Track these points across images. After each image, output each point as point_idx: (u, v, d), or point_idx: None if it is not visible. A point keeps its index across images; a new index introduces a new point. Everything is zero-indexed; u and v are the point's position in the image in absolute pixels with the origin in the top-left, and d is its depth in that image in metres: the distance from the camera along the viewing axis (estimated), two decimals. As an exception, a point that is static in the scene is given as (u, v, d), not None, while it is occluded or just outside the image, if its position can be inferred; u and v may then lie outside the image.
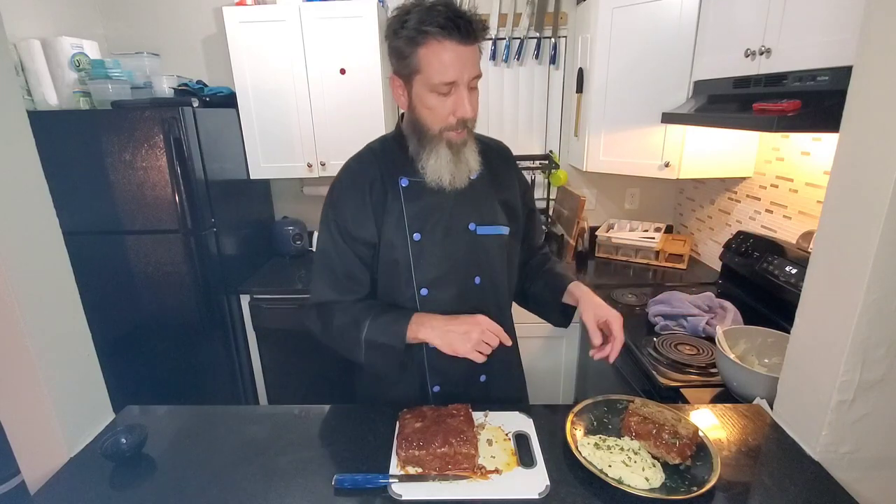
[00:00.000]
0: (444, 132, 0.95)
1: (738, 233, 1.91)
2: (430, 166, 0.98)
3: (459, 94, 0.91)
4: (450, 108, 0.92)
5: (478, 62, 0.93)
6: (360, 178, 1.03)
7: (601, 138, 2.12)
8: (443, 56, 0.88)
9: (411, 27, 0.87)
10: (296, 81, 2.15)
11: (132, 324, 2.09)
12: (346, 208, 1.02)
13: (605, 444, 0.90)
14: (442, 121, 0.94)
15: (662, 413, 0.93)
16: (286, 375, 2.34)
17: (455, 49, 0.87)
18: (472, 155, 1.00)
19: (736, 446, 0.92)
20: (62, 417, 0.94)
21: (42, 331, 0.92)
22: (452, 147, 0.97)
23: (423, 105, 0.94)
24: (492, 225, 1.06)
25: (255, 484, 0.84)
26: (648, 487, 0.81)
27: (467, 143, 0.98)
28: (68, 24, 2.19)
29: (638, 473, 0.82)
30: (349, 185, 1.04)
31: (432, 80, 0.90)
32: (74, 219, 1.90)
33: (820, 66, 1.18)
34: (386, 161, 1.04)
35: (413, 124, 0.99)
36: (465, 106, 0.92)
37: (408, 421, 0.92)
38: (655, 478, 0.82)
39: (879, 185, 0.76)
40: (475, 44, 0.90)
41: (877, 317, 0.80)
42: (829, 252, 0.87)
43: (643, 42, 1.89)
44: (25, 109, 0.92)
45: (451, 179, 0.98)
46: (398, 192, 1.02)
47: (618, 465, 0.84)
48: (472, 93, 0.93)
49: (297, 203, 2.69)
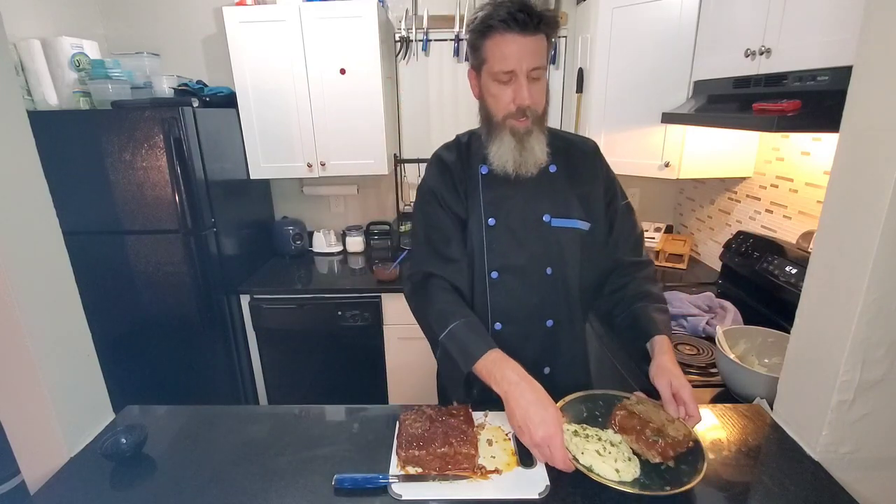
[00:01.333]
0: (507, 119, 1.00)
1: (738, 233, 1.90)
2: (494, 152, 1.03)
3: (518, 83, 0.96)
4: (510, 96, 0.97)
5: (541, 54, 0.96)
6: (447, 163, 1.11)
7: (601, 138, 2.12)
8: (503, 47, 0.94)
9: (479, 21, 0.96)
10: (296, 81, 2.15)
11: (132, 324, 2.10)
12: (440, 185, 1.10)
13: (585, 433, 0.90)
14: (504, 108, 0.99)
15: (657, 412, 0.92)
16: (286, 375, 2.34)
17: (515, 40, 0.93)
18: (539, 145, 1.03)
19: (736, 446, 0.92)
20: (62, 417, 0.94)
21: (42, 331, 0.92)
22: (516, 135, 1.00)
23: (488, 93, 1.01)
24: (567, 218, 1.08)
25: (255, 484, 0.84)
26: (618, 479, 0.81)
27: (532, 132, 1.01)
28: (68, 24, 2.19)
29: (609, 464, 0.82)
30: (440, 168, 1.12)
31: (493, 69, 0.96)
32: (74, 219, 1.90)
33: (820, 66, 1.18)
34: (470, 150, 1.11)
35: (483, 114, 1.06)
36: (524, 94, 0.96)
37: (408, 421, 0.92)
38: (628, 471, 0.82)
39: (879, 185, 0.76)
40: (537, 35, 0.94)
41: (877, 317, 0.80)
42: (829, 252, 0.87)
43: (643, 42, 1.89)
44: (25, 109, 0.92)
45: (516, 166, 1.03)
46: (478, 179, 1.08)
47: (591, 453, 0.84)
48: (534, 83, 0.97)
49: (297, 203, 2.69)
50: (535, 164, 1.04)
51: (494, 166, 1.04)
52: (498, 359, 0.92)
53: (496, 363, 0.91)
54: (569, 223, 1.09)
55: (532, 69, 0.95)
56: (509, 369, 0.89)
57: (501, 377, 0.88)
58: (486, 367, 0.91)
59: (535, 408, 0.84)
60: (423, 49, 2.41)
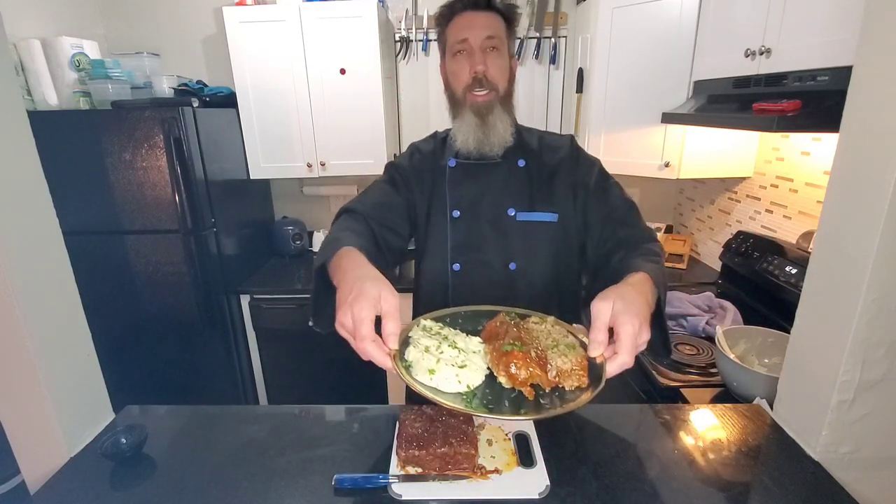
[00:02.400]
0: (467, 94, 1.03)
1: (738, 233, 1.91)
2: (457, 130, 1.07)
3: (473, 53, 1.01)
4: (467, 68, 1.02)
5: (494, 27, 1.02)
6: (423, 152, 1.16)
7: (601, 138, 2.12)
8: (459, 23, 1.03)
9: (439, 10, 1.06)
10: (296, 81, 2.16)
11: (132, 324, 2.10)
12: (408, 166, 1.13)
13: (440, 332, 0.75)
14: (463, 81, 1.03)
15: (563, 337, 0.73)
16: (286, 375, 2.34)
17: (469, 15, 1.02)
18: (503, 124, 1.05)
19: (736, 446, 0.92)
20: (62, 417, 0.94)
21: (42, 331, 0.92)
22: (477, 112, 1.03)
23: (449, 71, 1.06)
24: (532, 212, 1.08)
25: (255, 484, 0.84)
26: (431, 385, 0.66)
27: (494, 109, 1.03)
28: (68, 24, 2.19)
29: (426, 363, 0.67)
30: (411, 154, 1.16)
31: (451, 44, 1.04)
32: (74, 219, 1.90)
33: (820, 66, 1.18)
34: (444, 145, 1.14)
35: (448, 95, 1.09)
36: (476, 59, 1.01)
37: (408, 421, 0.92)
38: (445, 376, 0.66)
39: (879, 185, 0.76)
40: (489, 12, 1.02)
41: (877, 317, 0.80)
42: (829, 252, 0.87)
43: (643, 42, 1.89)
44: (25, 109, 0.92)
45: (478, 145, 1.05)
46: (445, 171, 1.10)
47: (420, 348, 0.71)
48: (490, 53, 1.02)
49: (297, 203, 2.69)
50: (500, 144, 1.05)
51: (458, 144, 1.06)
52: (347, 262, 0.78)
53: (341, 264, 0.78)
54: (534, 216, 1.08)
55: (486, 37, 1.00)
56: (349, 270, 0.75)
57: (339, 278, 0.75)
58: (334, 268, 0.79)
59: (368, 283, 0.70)
60: (423, 49, 2.41)
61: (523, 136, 1.12)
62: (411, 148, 1.18)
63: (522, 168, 1.09)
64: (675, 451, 0.90)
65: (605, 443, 0.93)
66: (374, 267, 0.77)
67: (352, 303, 0.67)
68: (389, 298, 0.69)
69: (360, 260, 0.79)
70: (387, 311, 0.68)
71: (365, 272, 0.74)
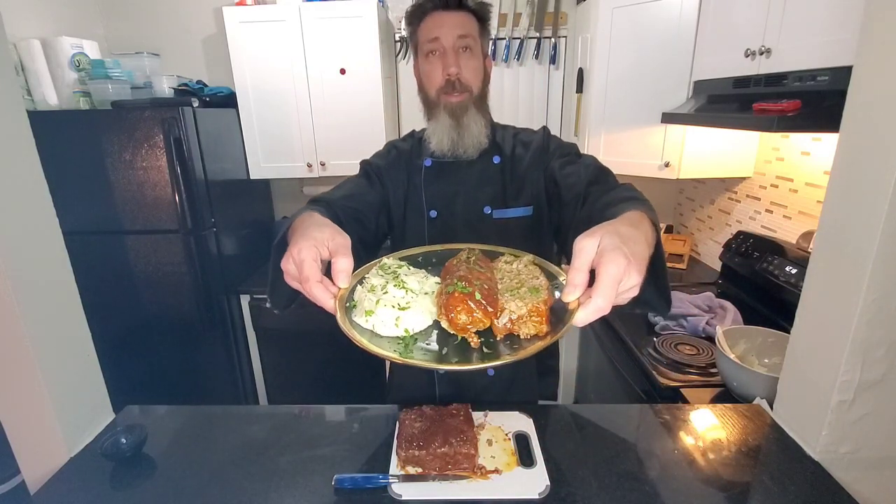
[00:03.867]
0: (441, 96, 1.02)
1: (738, 233, 1.91)
2: (431, 132, 1.05)
3: (446, 54, 1.00)
4: (440, 69, 1.01)
5: (466, 26, 1.00)
6: (398, 151, 1.13)
7: (601, 138, 2.12)
8: (430, 23, 1.01)
9: (410, 10, 1.05)
10: (296, 81, 2.16)
11: (132, 324, 2.10)
12: (385, 162, 1.11)
13: (392, 271, 0.68)
14: (436, 83, 1.02)
15: (526, 277, 0.65)
16: (286, 375, 2.34)
17: (440, 15, 1.00)
18: (477, 125, 1.04)
19: (736, 446, 0.92)
20: (62, 417, 0.94)
21: (42, 331, 0.92)
22: (452, 113, 1.02)
23: (422, 72, 1.05)
24: (508, 208, 1.07)
25: (255, 484, 0.84)
26: (367, 327, 0.59)
27: (468, 110, 1.02)
28: (68, 24, 2.19)
29: (366, 304, 0.60)
30: (388, 152, 1.14)
31: (423, 45, 1.02)
32: (74, 219, 1.90)
33: (820, 66, 1.18)
34: (420, 146, 1.12)
35: (422, 97, 1.08)
36: (449, 61, 0.99)
37: (408, 421, 0.92)
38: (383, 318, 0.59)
39: (879, 185, 0.76)
40: (460, 11, 1.00)
41: (877, 317, 0.80)
42: (829, 252, 0.87)
43: (643, 42, 1.89)
44: (25, 109, 0.92)
45: (453, 146, 1.04)
46: (421, 171, 1.09)
47: (366, 288, 0.64)
48: (464, 54, 1.01)
49: (297, 203, 2.69)
50: (475, 146, 1.04)
51: (433, 146, 1.05)
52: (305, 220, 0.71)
53: (301, 223, 0.71)
54: (510, 213, 1.07)
55: (458, 37, 0.99)
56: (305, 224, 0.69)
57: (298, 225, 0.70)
58: (293, 227, 0.72)
59: (313, 227, 0.65)
60: (423, 49, 2.41)
61: (498, 133, 1.12)
62: (388, 146, 1.16)
63: (497, 165, 1.09)
64: (675, 451, 0.90)
65: (605, 443, 0.93)
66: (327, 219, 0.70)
67: (291, 247, 0.62)
68: (337, 237, 0.63)
69: (313, 217, 0.72)
70: (334, 248, 0.62)
71: (314, 221, 0.68)
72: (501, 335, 0.58)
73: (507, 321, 0.58)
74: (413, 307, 0.62)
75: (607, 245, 0.55)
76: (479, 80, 1.04)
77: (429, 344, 0.59)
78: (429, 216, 1.08)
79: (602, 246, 0.56)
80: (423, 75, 1.05)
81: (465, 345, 0.58)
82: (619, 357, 1.65)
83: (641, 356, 1.45)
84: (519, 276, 0.65)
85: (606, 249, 0.55)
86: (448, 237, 1.04)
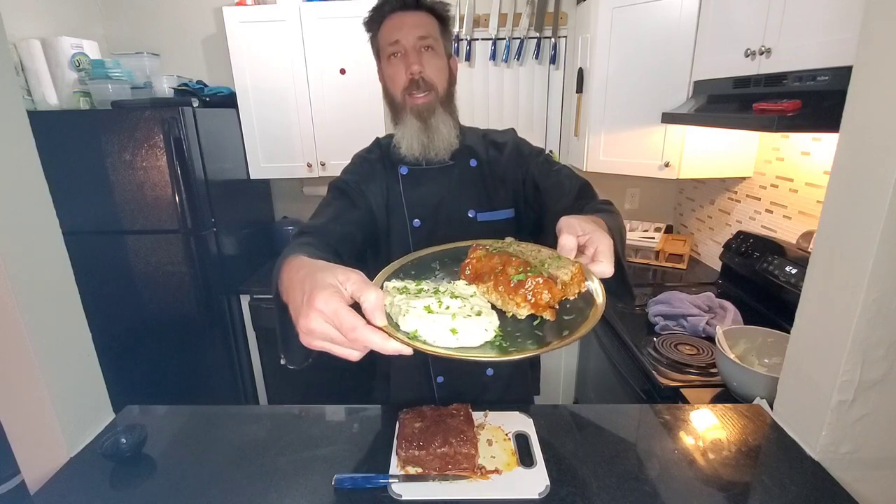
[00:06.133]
0: (407, 98, 1.00)
1: (738, 233, 1.91)
2: (400, 137, 1.03)
3: (407, 54, 0.98)
4: (402, 70, 0.99)
5: (426, 27, 0.99)
6: (368, 162, 1.10)
7: (601, 138, 2.12)
8: (389, 25, 1.00)
9: (369, 15, 1.03)
10: (296, 81, 2.16)
11: (132, 324, 2.09)
12: (360, 177, 1.07)
13: (417, 288, 0.65)
14: (400, 84, 1.00)
15: (538, 252, 0.68)
16: (286, 375, 2.34)
17: (399, 16, 0.99)
18: (446, 127, 1.02)
19: (736, 446, 0.92)
20: (62, 417, 0.94)
21: (42, 331, 0.92)
22: (419, 115, 1.00)
23: (386, 76, 1.03)
24: (492, 210, 1.07)
25: (255, 484, 0.84)
26: (457, 345, 0.55)
27: (435, 111, 1.01)
28: (68, 24, 2.19)
29: (441, 323, 0.56)
30: (358, 165, 1.11)
31: (384, 47, 1.00)
32: (74, 219, 1.90)
33: (820, 66, 1.18)
34: (390, 152, 1.09)
35: (388, 101, 1.06)
36: (411, 60, 0.98)
37: (408, 421, 0.92)
38: (474, 332, 0.57)
39: (879, 185, 0.76)
40: (418, 11, 0.99)
41: (877, 317, 0.80)
42: (829, 252, 0.87)
43: (643, 42, 1.89)
44: (25, 109, 0.92)
45: (424, 150, 1.02)
46: (398, 180, 1.07)
47: (418, 311, 0.58)
48: (427, 53, 0.99)
49: (297, 203, 2.69)
50: (445, 148, 1.03)
51: (403, 151, 1.03)
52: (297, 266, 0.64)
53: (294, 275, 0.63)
54: (494, 215, 1.07)
55: (418, 37, 0.98)
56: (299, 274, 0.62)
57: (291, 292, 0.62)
58: (285, 285, 0.65)
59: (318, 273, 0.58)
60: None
61: (467, 135, 1.11)
62: (356, 158, 1.13)
63: (475, 168, 1.08)
64: (675, 451, 0.90)
65: (605, 443, 0.93)
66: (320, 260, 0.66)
67: (309, 302, 0.54)
68: (351, 276, 0.57)
69: (301, 261, 0.65)
70: (355, 291, 0.55)
71: (309, 268, 0.61)
72: (558, 300, 0.61)
73: (560, 288, 0.62)
74: (483, 310, 0.61)
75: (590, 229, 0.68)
76: (444, 79, 1.02)
77: (513, 334, 0.59)
78: (412, 225, 1.06)
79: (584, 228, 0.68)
80: (387, 79, 1.03)
81: (531, 323, 0.61)
82: (619, 357, 1.65)
83: (641, 356, 1.45)
84: (533, 253, 0.69)
85: (592, 231, 0.67)
86: (433, 244, 0.93)
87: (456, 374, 1.12)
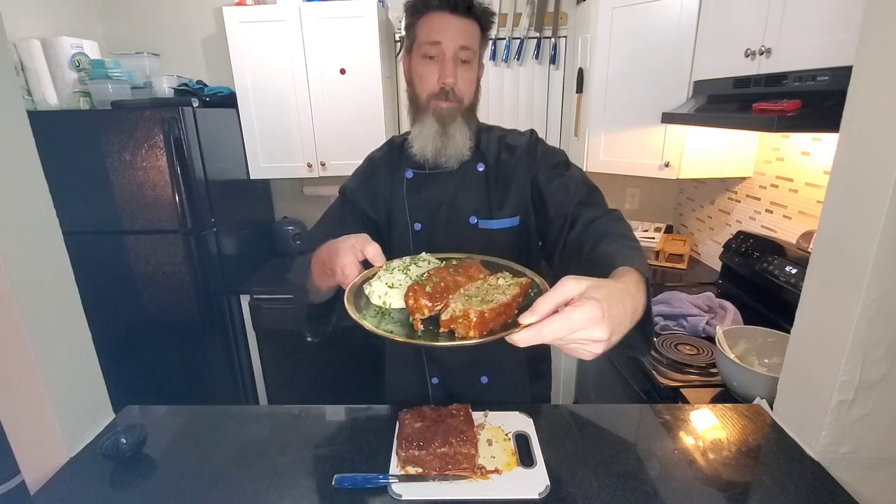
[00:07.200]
0: (432, 101, 0.99)
1: (738, 233, 1.91)
2: (415, 136, 1.02)
3: (445, 62, 0.96)
4: (436, 74, 0.97)
5: (470, 36, 0.97)
6: (376, 165, 1.11)
7: (601, 138, 2.13)
8: (434, 22, 0.96)
9: (413, 1, 0.99)
10: (296, 81, 2.16)
11: (132, 324, 2.10)
12: (358, 184, 1.10)
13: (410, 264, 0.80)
14: (429, 87, 0.98)
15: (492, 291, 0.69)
16: (286, 375, 2.34)
17: (446, 18, 0.95)
18: (462, 136, 1.01)
19: (736, 446, 0.92)
20: (62, 417, 0.94)
21: (42, 331, 0.92)
22: (440, 119, 0.99)
23: (416, 73, 1.01)
24: (495, 219, 1.04)
25: (255, 484, 0.84)
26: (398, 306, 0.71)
27: (457, 119, 1.00)
28: (68, 24, 2.19)
29: (384, 289, 0.72)
30: (365, 168, 1.12)
31: (422, 43, 0.97)
32: (74, 219, 1.90)
33: (820, 66, 1.18)
34: (401, 152, 1.09)
35: (409, 95, 1.05)
36: (447, 71, 0.96)
37: (408, 421, 0.92)
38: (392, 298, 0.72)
39: (879, 185, 0.76)
40: (468, 19, 0.96)
41: (877, 317, 0.80)
42: (829, 252, 0.87)
43: (643, 42, 1.89)
44: (25, 109, 0.92)
45: (436, 154, 1.01)
46: (403, 183, 1.07)
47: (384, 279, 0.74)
48: (462, 66, 0.98)
49: (297, 203, 2.69)
50: (456, 157, 1.02)
51: (415, 151, 1.02)
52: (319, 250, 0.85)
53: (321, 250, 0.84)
54: (496, 223, 1.04)
55: (460, 47, 0.95)
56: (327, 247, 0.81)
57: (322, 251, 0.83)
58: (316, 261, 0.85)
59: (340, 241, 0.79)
60: (423, 49, 2.41)
61: (483, 137, 1.08)
62: (367, 161, 1.14)
63: (481, 172, 1.05)
64: (675, 451, 0.90)
65: (605, 443, 0.93)
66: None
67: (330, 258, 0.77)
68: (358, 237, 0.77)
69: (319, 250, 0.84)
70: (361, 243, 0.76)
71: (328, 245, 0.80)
72: (444, 329, 0.65)
73: (448, 317, 0.64)
74: (399, 289, 0.72)
75: (590, 294, 0.56)
76: (472, 91, 1.02)
77: (399, 322, 0.68)
78: (413, 229, 1.05)
79: (585, 292, 0.56)
80: (416, 76, 1.01)
81: (435, 331, 0.66)
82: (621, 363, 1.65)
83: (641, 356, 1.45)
84: (490, 290, 0.69)
85: (586, 296, 0.56)
86: (432, 250, 0.96)
87: (451, 377, 1.12)
